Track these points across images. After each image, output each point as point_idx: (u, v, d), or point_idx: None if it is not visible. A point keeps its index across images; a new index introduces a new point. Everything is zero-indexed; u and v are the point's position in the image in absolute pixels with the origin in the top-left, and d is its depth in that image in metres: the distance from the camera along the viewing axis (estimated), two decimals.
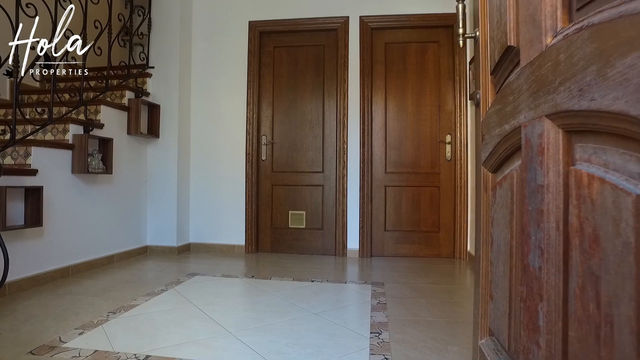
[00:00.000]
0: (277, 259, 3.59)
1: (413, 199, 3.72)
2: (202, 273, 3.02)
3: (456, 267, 3.30)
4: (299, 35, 3.91)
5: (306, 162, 3.86)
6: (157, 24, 3.81)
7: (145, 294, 2.46)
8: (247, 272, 3.10)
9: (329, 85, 3.85)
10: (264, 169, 3.92)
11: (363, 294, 2.52)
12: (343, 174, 3.73)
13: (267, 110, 3.93)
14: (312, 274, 3.03)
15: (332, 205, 3.81)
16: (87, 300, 2.33)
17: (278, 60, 3.94)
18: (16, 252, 2.51)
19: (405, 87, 3.75)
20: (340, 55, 3.78)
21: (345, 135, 3.74)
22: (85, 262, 3.03)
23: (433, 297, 2.43)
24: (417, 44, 3.75)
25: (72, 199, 2.92)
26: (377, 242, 3.75)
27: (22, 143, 2.60)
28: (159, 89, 3.77)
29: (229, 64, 3.92)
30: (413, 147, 3.73)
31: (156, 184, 3.75)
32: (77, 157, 2.89)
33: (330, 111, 3.84)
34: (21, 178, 2.54)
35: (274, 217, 3.90)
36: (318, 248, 3.83)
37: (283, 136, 3.90)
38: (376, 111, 3.77)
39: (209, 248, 3.90)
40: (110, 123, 3.28)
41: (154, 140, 3.75)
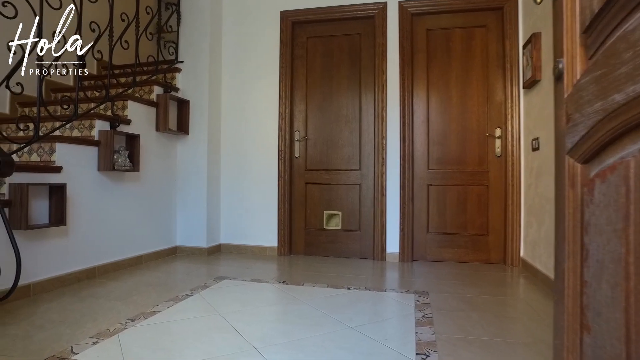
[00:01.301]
0: (310, 263, 3.37)
1: (459, 199, 3.40)
2: (230, 277, 2.84)
3: (508, 275, 2.95)
4: (333, 24, 3.68)
5: (342, 159, 3.62)
6: (187, 17, 3.69)
7: (169, 299, 2.30)
8: (278, 276, 2.90)
9: (365, 76, 3.59)
10: (298, 167, 3.71)
11: (405, 304, 2.25)
12: (382, 172, 3.46)
13: (300, 104, 3.72)
14: (349, 280, 2.79)
15: (370, 205, 3.54)
16: (107, 305, 2.20)
17: (311, 52, 3.72)
18: (40, 251, 2.42)
19: (449, 77, 3.43)
20: (378, 44, 3.51)
21: (383, 130, 3.47)
22: (112, 263, 2.92)
23: (486, 311, 2.12)
24: (462, 30, 3.42)
25: (98, 197, 2.81)
26: (419, 245, 3.45)
27: (46, 139, 2.51)
28: (188, 84, 3.65)
29: (260, 57, 3.74)
30: (458, 142, 3.40)
31: (186, 183, 3.62)
32: (103, 154, 2.79)
33: (367, 104, 3.58)
34: (45, 175, 2.45)
35: (308, 217, 3.68)
36: (355, 251, 3.58)
37: (317, 132, 3.68)
38: (417, 104, 3.48)
39: (239, 249, 3.73)
40: (138, 119, 3.17)
41: (183, 137, 3.62)
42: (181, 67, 3.66)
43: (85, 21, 2.67)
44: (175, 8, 3.69)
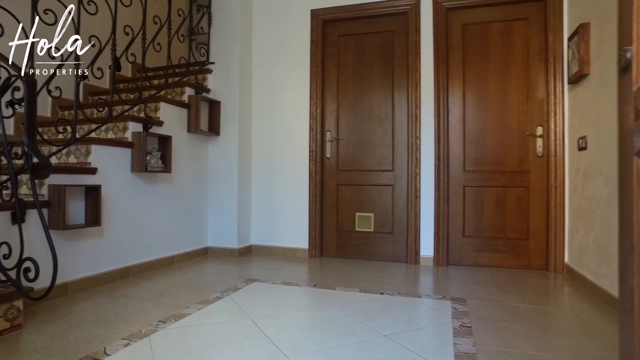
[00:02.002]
0: (342, 265, 3.30)
1: (497, 201, 3.24)
2: (261, 279, 2.81)
3: (551, 283, 2.79)
4: (365, 21, 3.59)
5: (374, 160, 3.53)
6: (217, 18, 3.69)
7: (199, 302, 2.28)
8: (309, 279, 2.85)
9: (398, 75, 3.49)
10: (329, 168, 3.64)
11: (442, 312, 2.15)
12: (415, 173, 3.35)
13: (332, 104, 3.65)
14: (382, 285, 2.70)
15: (404, 207, 3.44)
16: (139, 306, 2.20)
17: (342, 50, 3.65)
18: (77, 251, 2.46)
19: (486, 74, 3.28)
20: (412, 41, 3.40)
21: (417, 129, 3.36)
22: (145, 263, 2.95)
23: (530, 322, 1.99)
24: (500, 24, 3.26)
25: (131, 197, 2.84)
26: (454, 249, 3.32)
27: (82, 141, 2.55)
28: (219, 84, 3.65)
29: (290, 56, 3.71)
30: (496, 142, 3.25)
31: (217, 183, 3.63)
32: (136, 155, 2.81)
33: (400, 103, 3.47)
34: (81, 176, 2.49)
35: (340, 219, 3.61)
36: (387, 254, 3.48)
37: (349, 132, 3.60)
38: (453, 102, 3.34)
39: (270, 251, 3.71)
40: (170, 120, 3.19)
41: (214, 138, 3.63)
42: (212, 68, 3.67)
43: (120, 25, 2.70)
44: (206, 10, 3.71)
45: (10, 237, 2.02)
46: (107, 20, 2.67)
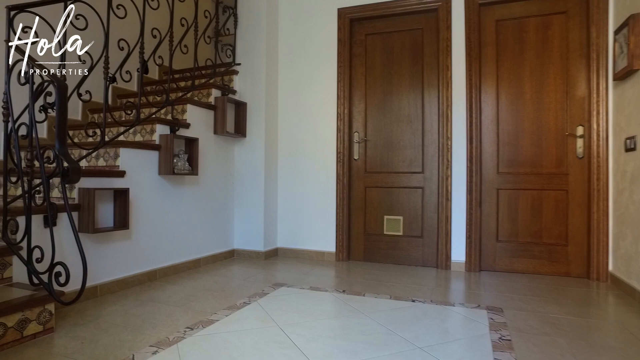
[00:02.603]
0: (370, 270, 3.22)
1: (533, 205, 3.09)
2: (288, 284, 2.76)
3: (594, 292, 2.63)
4: (393, 19, 3.50)
5: (403, 162, 3.43)
6: (243, 19, 3.67)
7: (227, 307, 2.25)
8: (337, 284, 2.78)
9: (428, 73, 3.38)
10: (357, 169, 3.57)
11: (478, 322, 2.04)
12: (447, 175, 3.23)
13: (360, 104, 3.58)
14: (412, 291, 2.61)
15: (434, 210, 3.33)
16: (166, 311, 2.18)
17: (370, 49, 3.57)
18: (106, 254, 2.47)
19: (521, 71, 3.13)
20: (442, 39, 3.28)
21: (448, 130, 3.24)
22: (171, 266, 2.95)
23: (576, 337, 1.87)
24: (537, 18, 3.11)
25: (158, 200, 2.84)
26: (487, 254, 3.19)
27: (111, 144, 2.56)
28: (245, 86, 3.63)
29: (317, 57, 3.65)
30: (532, 143, 3.10)
31: (243, 185, 3.61)
32: (164, 158, 2.81)
33: (430, 103, 3.37)
34: (110, 180, 2.50)
35: (368, 222, 3.53)
36: (417, 258, 3.38)
37: (377, 133, 3.52)
38: (486, 101, 3.21)
39: (297, 254, 3.66)
40: (197, 122, 3.18)
41: (240, 139, 3.61)
42: (238, 70, 3.65)
43: (147, 28, 2.70)
44: (232, 11, 3.69)
45: (43, 240, 2.03)
46: (135, 24, 2.67)
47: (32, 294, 1.86)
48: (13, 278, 2.02)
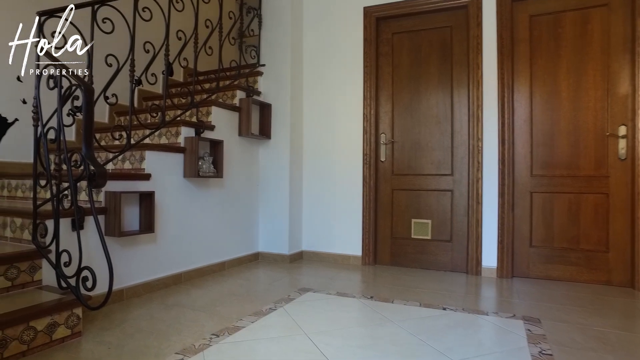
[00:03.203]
0: (398, 275, 3.13)
1: (569, 209, 2.95)
2: (314, 289, 2.70)
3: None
4: (421, 17, 3.40)
5: (432, 164, 3.33)
6: (268, 19, 3.64)
7: (252, 313, 2.20)
8: (364, 290, 2.71)
9: (458, 72, 3.26)
10: (383, 171, 3.48)
11: (514, 334, 1.94)
12: (477, 177, 3.12)
13: (386, 105, 3.49)
14: (443, 298, 2.51)
15: (464, 213, 3.21)
16: (192, 316, 2.15)
17: (397, 48, 3.48)
18: (131, 257, 2.46)
19: (557, 69, 2.99)
20: (472, 37, 3.17)
21: (479, 131, 3.12)
22: (196, 269, 2.93)
23: (626, 354, 1.74)
24: (575, 12, 2.96)
25: (183, 203, 2.83)
26: (520, 260, 3.06)
27: (137, 147, 2.56)
28: (270, 87, 3.59)
29: (342, 56, 3.58)
30: (569, 144, 2.95)
31: (268, 188, 3.57)
32: (189, 161, 2.80)
33: (460, 103, 3.25)
34: (136, 183, 2.50)
35: (395, 225, 3.44)
36: (446, 263, 3.27)
37: (404, 134, 3.42)
38: (519, 101, 3.08)
39: (322, 257, 3.60)
40: (221, 124, 3.16)
41: (265, 141, 3.57)
42: (262, 71, 3.62)
43: (172, 30, 2.69)
44: (256, 12, 3.66)
45: (71, 244, 2.03)
46: (159, 27, 2.66)
47: (61, 298, 1.86)
48: (42, 281, 2.03)
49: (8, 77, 2.89)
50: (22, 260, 1.96)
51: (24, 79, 2.82)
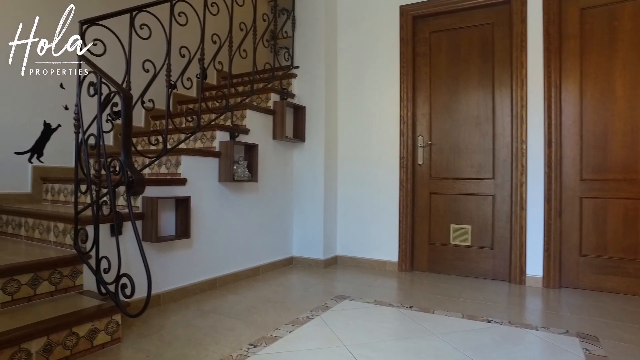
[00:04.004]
0: (436, 282, 3.02)
1: (625, 216, 2.75)
2: (351, 297, 2.63)
3: None
4: (460, 15, 3.27)
5: (472, 167, 3.19)
6: (301, 21, 3.59)
7: (289, 322, 2.15)
8: (403, 298, 2.61)
9: (500, 72, 3.12)
10: (421, 175, 3.37)
11: (570, 353, 1.80)
12: (521, 182, 2.96)
13: (424, 106, 3.37)
14: (486, 309, 2.39)
15: (506, 219, 3.06)
16: (228, 324, 2.12)
17: (435, 48, 3.36)
18: (168, 262, 2.47)
19: (612, 65, 2.80)
20: (516, 33, 3.01)
21: (523, 132, 2.97)
22: (231, 274, 2.91)
23: None
24: (634, 3, 2.75)
25: (218, 208, 2.82)
26: (569, 269, 2.88)
27: (173, 152, 2.56)
28: (304, 89, 3.54)
29: (378, 57, 3.49)
30: (625, 146, 2.76)
31: (302, 191, 3.52)
32: (224, 165, 2.78)
33: (502, 104, 3.10)
34: (172, 188, 2.50)
35: (432, 231, 3.33)
36: (487, 271, 3.13)
37: (443, 136, 3.30)
38: (567, 100, 2.91)
39: (357, 263, 3.52)
40: (256, 128, 3.13)
41: (299, 144, 3.53)
42: (296, 73, 3.58)
43: (207, 33, 2.68)
44: (290, 13, 3.62)
45: (109, 249, 2.04)
46: (194, 31, 2.65)
47: (101, 304, 1.87)
48: (83, 285, 2.05)
49: (52, 84, 2.96)
50: (65, 265, 1.98)
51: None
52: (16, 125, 2.82)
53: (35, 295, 1.88)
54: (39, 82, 2.91)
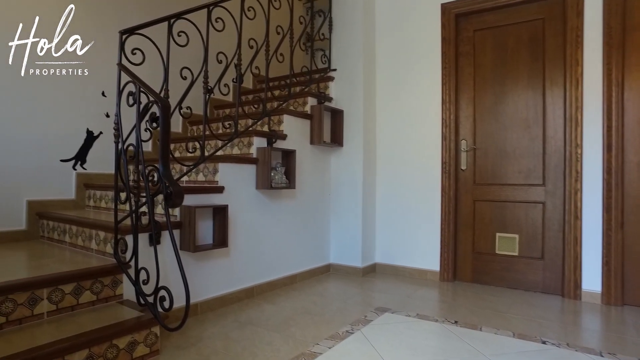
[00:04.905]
0: (481, 294, 2.86)
1: None
2: (392, 309, 2.52)
3: None
4: (506, 11, 3.08)
5: (519, 173, 3.00)
6: (338, 22, 3.50)
7: (329, 336, 2.07)
8: (447, 313, 2.48)
9: (551, 70, 2.91)
10: (464, 181, 3.21)
11: None
12: (575, 189, 2.75)
13: (467, 108, 3.21)
14: (539, 328, 2.22)
15: (558, 229, 2.86)
16: (266, 337, 2.07)
17: (480, 47, 3.18)
18: (206, 271, 2.44)
19: None
20: (571, 28, 2.80)
21: (578, 136, 2.76)
22: (268, 283, 2.87)
23: None
24: None
25: (255, 216, 2.77)
26: (633, 285, 2.65)
27: (210, 160, 2.53)
28: (342, 92, 3.45)
29: (418, 58, 3.35)
30: None
31: (340, 197, 3.44)
32: (261, 172, 2.73)
33: (554, 105, 2.90)
34: (209, 196, 2.47)
35: (477, 239, 3.16)
36: (536, 283, 2.93)
37: (488, 140, 3.13)
38: (631, 100, 2.67)
39: (396, 271, 3.40)
40: (293, 133, 3.07)
41: (337, 149, 3.44)
42: (334, 76, 3.49)
43: (243, 38, 2.64)
44: (326, 14, 3.54)
45: (148, 258, 2.03)
46: (230, 36, 2.62)
47: (140, 316, 1.85)
48: (123, 295, 2.05)
49: (93, 90, 3.01)
50: (106, 275, 1.99)
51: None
52: (60, 133, 2.88)
53: (78, 304, 1.89)
54: (81, 89, 2.96)
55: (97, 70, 2.99)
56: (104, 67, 3.00)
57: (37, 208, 2.76)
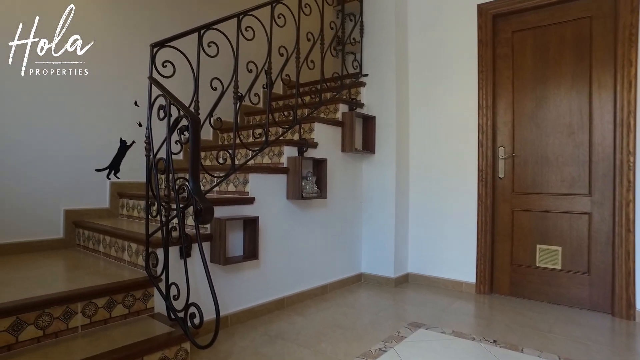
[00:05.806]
0: (520, 309, 2.72)
1: None
2: (426, 325, 2.42)
3: None
4: (548, 10, 2.91)
5: (562, 181, 2.84)
6: (370, 26, 3.42)
7: (361, 354, 2.01)
8: (485, 330, 2.36)
9: (599, 72, 2.73)
10: (502, 190, 3.06)
11: None
12: (627, 200, 2.57)
13: (505, 114, 3.06)
14: (587, 351, 2.07)
15: (606, 242, 2.68)
16: (296, 353, 2.02)
17: (519, 48, 3.03)
18: (236, 284, 2.42)
19: None
20: (623, 26, 2.62)
21: (630, 142, 2.57)
22: (298, 293, 2.82)
23: None
24: None
25: (285, 226, 2.73)
26: None
27: (241, 170, 2.51)
28: (373, 98, 3.37)
29: (453, 62, 3.22)
30: None
31: (372, 206, 3.36)
32: (292, 182, 2.69)
33: (602, 109, 2.72)
34: (240, 207, 2.45)
35: (515, 251, 3.01)
36: (581, 299, 2.76)
37: (527, 147, 2.97)
38: None
39: (430, 282, 3.29)
40: (324, 141, 3.02)
41: (369, 156, 3.36)
42: (365, 81, 3.41)
43: (273, 46, 2.61)
44: (357, 18, 3.46)
45: (178, 271, 2.02)
46: (260, 44, 2.59)
47: (171, 332, 1.84)
48: (154, 308, 2.05)
49: (129, 101, 3.05)
50: (137, 289, 2.00)
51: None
52: (95, 143, 2.93)
53: (110, 318, 1.91)
54: (117, 99, 3.01)
55: (131, 78, 3.03)
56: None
57: (74, 217, 2.82)
